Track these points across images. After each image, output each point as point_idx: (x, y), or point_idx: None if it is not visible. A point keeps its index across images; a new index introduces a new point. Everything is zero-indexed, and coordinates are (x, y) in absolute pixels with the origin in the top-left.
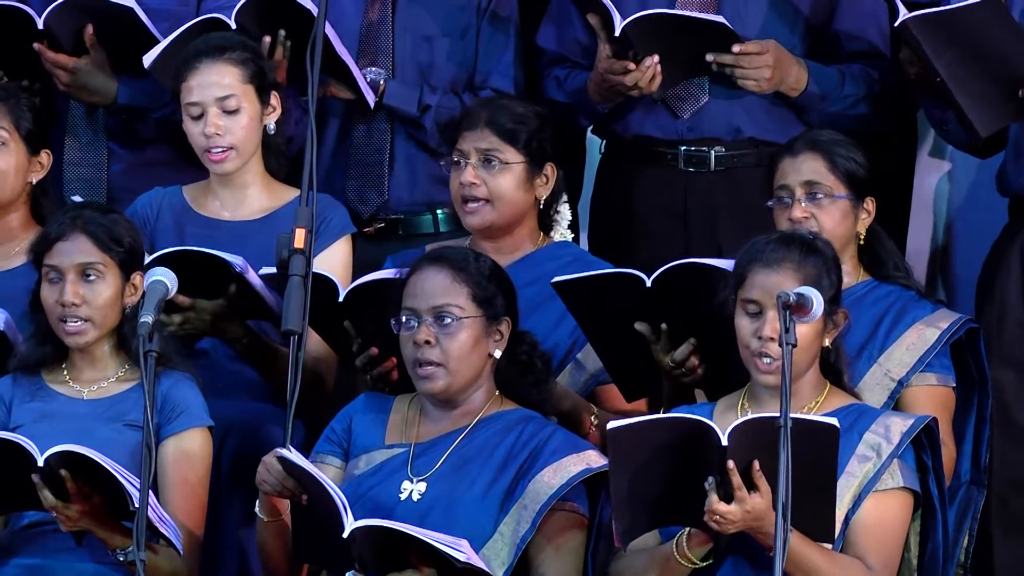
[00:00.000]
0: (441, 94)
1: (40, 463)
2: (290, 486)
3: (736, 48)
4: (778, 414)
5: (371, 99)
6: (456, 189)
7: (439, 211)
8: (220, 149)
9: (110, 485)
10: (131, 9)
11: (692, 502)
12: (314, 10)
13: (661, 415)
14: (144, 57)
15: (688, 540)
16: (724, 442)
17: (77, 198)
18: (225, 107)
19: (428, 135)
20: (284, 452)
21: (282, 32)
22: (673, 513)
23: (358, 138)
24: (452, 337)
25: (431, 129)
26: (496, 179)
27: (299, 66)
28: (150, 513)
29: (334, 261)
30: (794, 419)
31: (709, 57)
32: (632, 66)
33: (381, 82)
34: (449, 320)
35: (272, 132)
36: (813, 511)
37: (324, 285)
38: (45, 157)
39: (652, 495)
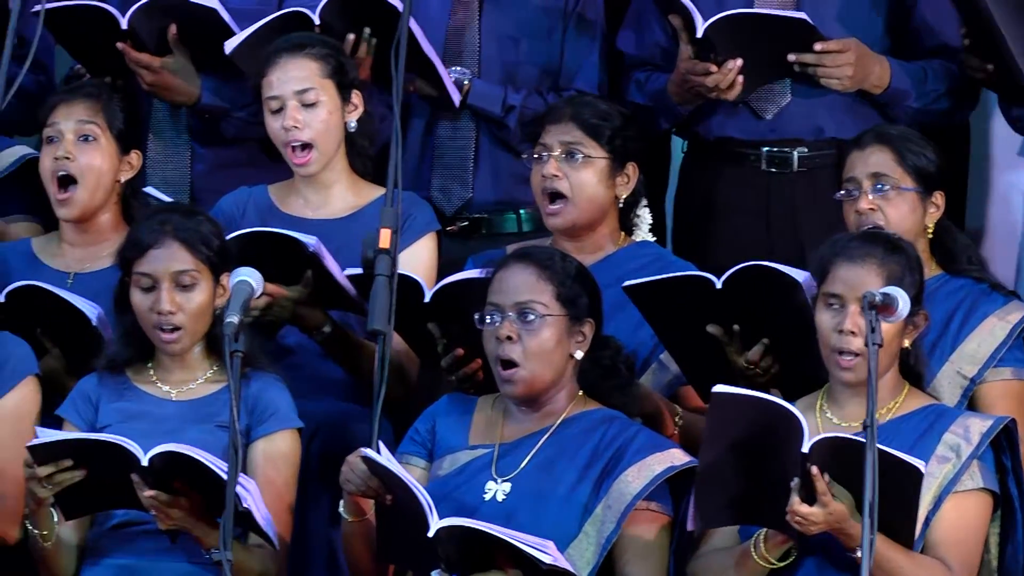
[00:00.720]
0: (525, 94)
1: (144, 463)
2: (374, 486)
3: (818, 47)
4: (861, 436)
5: (456, 98)
6: (538, 182)
7: (522, 211)
8: (300, 144)
9: (208, 484)
10: (214, 10)
11: (773, 502)
12: (399, 7)
13: (764, 394)
14: (225, 44)
15: (766, 540)
16: (805, 449)
17: (151, 190)
18: (304, 100)
19: (511, 135)
20: (368, 452)
21: (367, 30)
22: (754, 511)
23: (443, 136)
24: (534, 334)
25: (515, 129)
26: (578, 173)
27: (384, 64)
28: (254, 510)
29: (418, 259)
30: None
31: (791, 57)
32: (714, 68)
33: (466, 82)
34: (532, 317)
35: (353, 130)
36: (895, 513)
37: (409, 286)
38: (135, 157)
39: (735, 485)
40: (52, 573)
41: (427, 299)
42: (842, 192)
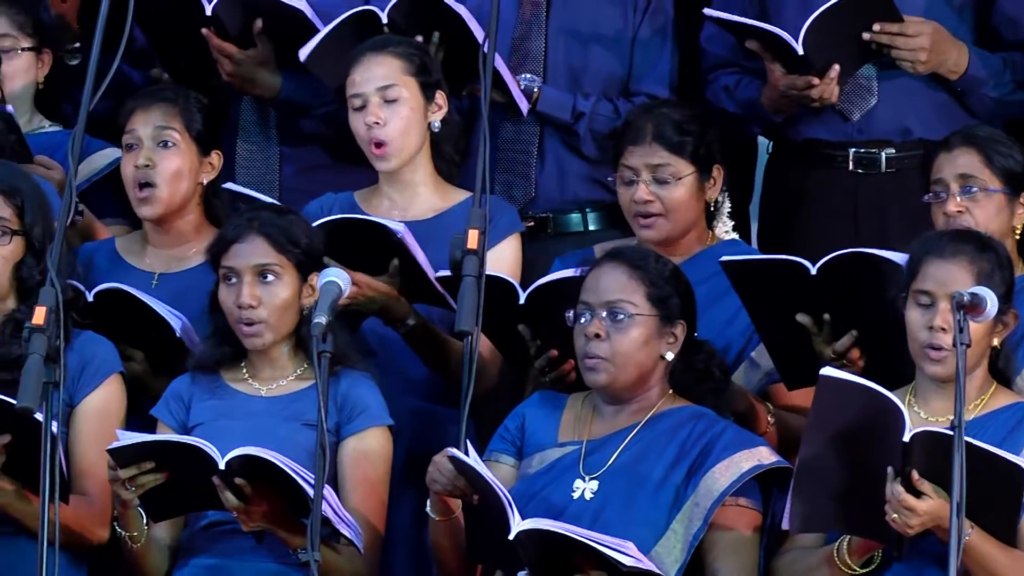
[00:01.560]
0: (595, 100)
1: (221, 466)
2: (461, 485)
3: (893, 27)
4: (949, 428)
5: (524, 107)
6: (628, 205)
7: (588, 209)
8: (379, 142)
9: (290, 486)
10: (301, 12)
11: (871, 504)
12: (461, 12)
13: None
14: (300, 52)
15: (849, 546)
16: (906, 438)
17: (232, 185)
18: (386, 96)
19: (582, 142)
20: (455, 452)
21: (436, 33)
22: (851, 514)
23: (506, 136)
24: (623, 333)
25: (585, 135)
26: (671, 193)
27: (450, 67)
28: (330, 512)
29: (502, 260)
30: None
31: (866, 36)
32: (816, 81)
33: (535, 89)
34: (622, 316)
35: (437, 130)
36: (996, 511)
37: (502, 287)
38: (216, 158)
39: (835, 482)
40: (144, 574)
41: (522, 300)
42: (930, 195)
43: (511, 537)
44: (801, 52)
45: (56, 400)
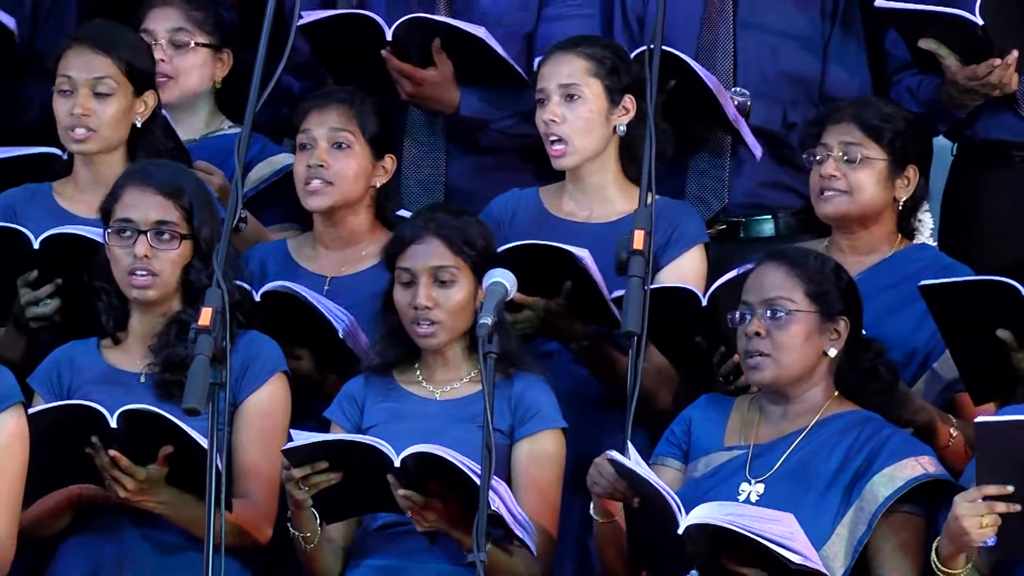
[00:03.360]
0: (804, 108)
1: (396, 464)
2: (621, 488)
3: None
4: None
5: (757, 152)
6: (816, 181)
7: (780, 215)
8: (556, 138)
9: (465, 485)
10: (479, 38)
11: None
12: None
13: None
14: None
15: (942, 549)
16: None
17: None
18: (566, 93)
19: (793, 152)
20: (615, 455)
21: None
22: None
23: (699, 140)
24: (783, 330)
25: (797, 146)
26: (856, 173)
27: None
28: (504, 512)
29: (684, 272)
30: None
31: None
32: (997, 61)
33: (748, 103)
34: (781, 313)
35: (622, 134)
36: None
37: (682, 296)
38: (389, 162)
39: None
40: (316, 574)
41: (704, 303)
42: None
43: (680, 531)
44: (981, 22)
45: (222, 401)
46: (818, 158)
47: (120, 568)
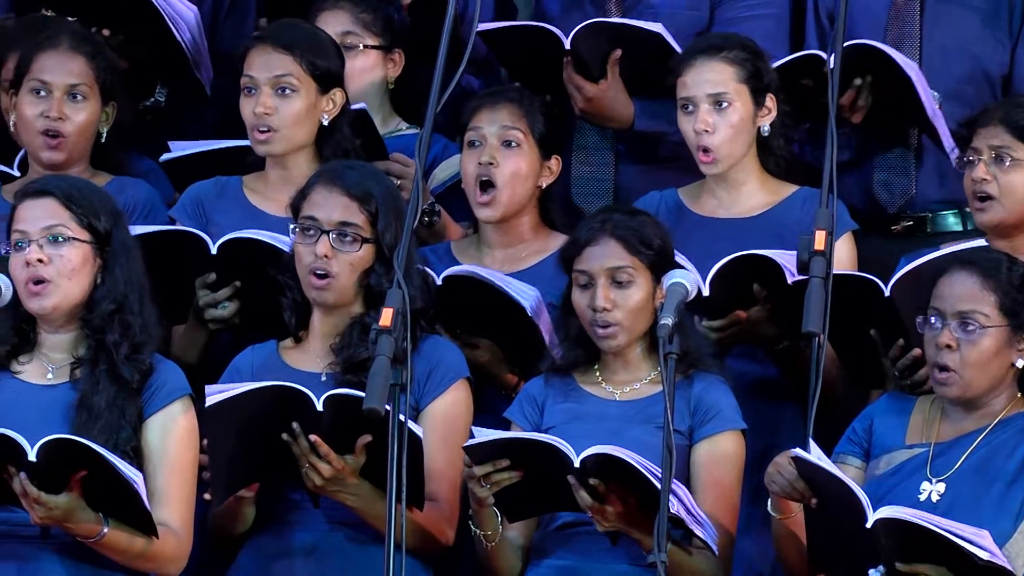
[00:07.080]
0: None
1: (576, 464)
2: (800, 488)
3: None
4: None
5: (953, 156)
6: (968, 185)
7: (966, 209)
8: (707, 147)
9: (644, 487)
10: (659, 34)
11: None
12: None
13: None
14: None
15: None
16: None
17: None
18: (716, 101)
19: None
20: (799, 452)
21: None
22: None
23: (885, 135)
24: (973, 344)
25: None
26: (1007, 175)
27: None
28: (683, 512)
29: (841, 258)
30: None
31: None
32: None
33: (939, 104)
34: (973, 327)
35: (766, 134)
36: None
37: (856, 286)
38: (555, 163)
39: None
40: (497, 573)
41: (887, 293)
42: None
43: (868, 526)
44: None
45: (403, 402)
46: (969, 160)
47: (310, 556)
